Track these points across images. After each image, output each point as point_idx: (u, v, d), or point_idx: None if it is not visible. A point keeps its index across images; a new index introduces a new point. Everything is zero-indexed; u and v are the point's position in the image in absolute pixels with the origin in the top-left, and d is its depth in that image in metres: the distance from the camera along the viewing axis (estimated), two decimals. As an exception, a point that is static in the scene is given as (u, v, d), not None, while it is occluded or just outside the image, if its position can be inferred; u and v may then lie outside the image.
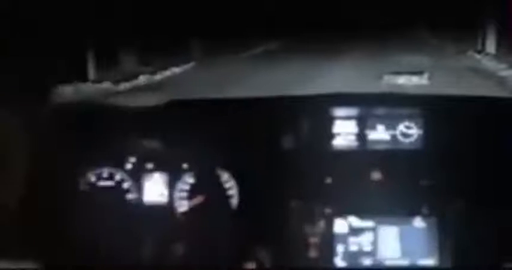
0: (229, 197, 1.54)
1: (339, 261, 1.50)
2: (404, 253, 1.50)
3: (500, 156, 1.55)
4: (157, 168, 1.61)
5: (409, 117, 1.62)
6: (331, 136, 1.62)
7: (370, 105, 1.65)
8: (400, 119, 1.62)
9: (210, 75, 11.18)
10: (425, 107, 1.63)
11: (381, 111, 1.64)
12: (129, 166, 1.61)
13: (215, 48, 14.21)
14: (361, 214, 1.51)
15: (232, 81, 10.20)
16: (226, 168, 1.57)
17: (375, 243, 1.50)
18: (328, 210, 1.52)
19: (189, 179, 1.60)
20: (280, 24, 20.71)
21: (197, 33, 14.36)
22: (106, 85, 10.30)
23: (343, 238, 1.51)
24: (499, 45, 13.28)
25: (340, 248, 1.51)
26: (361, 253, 1.51)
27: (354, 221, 1.51)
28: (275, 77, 10.95)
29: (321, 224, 1.51)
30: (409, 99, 1.76)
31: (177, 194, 1.60)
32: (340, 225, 1.51)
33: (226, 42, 14.71)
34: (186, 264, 1.20)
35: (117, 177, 1.61)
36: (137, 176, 1.61)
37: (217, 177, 1.47)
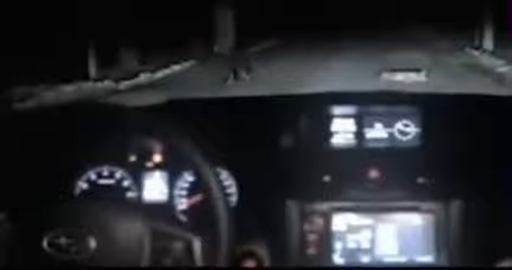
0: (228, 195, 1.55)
1: (338, 259, 1.52)
2: (403, 250, 1.51)
3: (498, 154, 1.56)
4: (158, 166, 1.62)
5: (407, 115, 1.63)
6: (329, 134, 1.63)
7: (368, 104, 1.66)
8: (398, 117, 1.63)
9: (210, 73, 11.18)
10: (422, 105, 1.64)
11: (378, 109, 1.65)
12: (129, 164, 1.62)
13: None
14: (359, 212, 1.52)
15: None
16: (225, 166, 1.58)
17: (373, 240, 1.52)
18: (326, 208, 1.53)
19: (189, 177, 1.61)
20: (279, 22, 20.70)
21: (196, 31, 14.34)
22: (107, 83, 10.31)
23: (342, 235, 1.52)
24: (496, 41, 13.28)
25: (338, 245, 1.52)
26: (359, 250, 1.52)
27: (352, 218, 1.52)
28: (273, 76, 10.95)
29: (319, 221, 1.52)
30: (406, 97, 1.77)
31: (177, 192, 1.62)
32: (339, 223, 1.52)
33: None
34: (186, 264, 1.20)
35: (117, 175, 1.62)
36: (137, 174, 1.62)
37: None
